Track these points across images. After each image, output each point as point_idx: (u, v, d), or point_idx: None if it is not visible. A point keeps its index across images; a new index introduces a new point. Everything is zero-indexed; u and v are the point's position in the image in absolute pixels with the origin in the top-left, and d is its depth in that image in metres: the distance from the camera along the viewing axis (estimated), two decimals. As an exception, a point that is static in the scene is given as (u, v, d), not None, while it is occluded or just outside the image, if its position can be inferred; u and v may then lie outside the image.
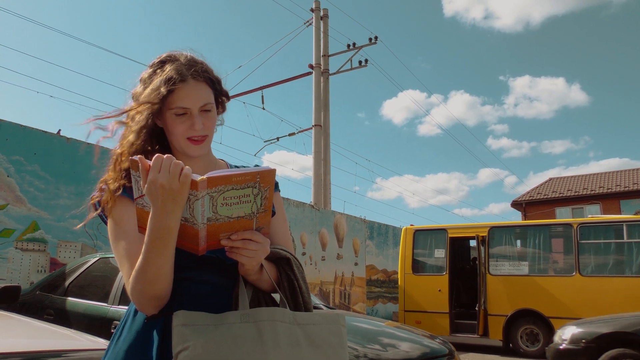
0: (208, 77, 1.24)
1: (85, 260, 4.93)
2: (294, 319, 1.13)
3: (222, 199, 0.99)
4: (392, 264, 15.33)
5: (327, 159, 15.01)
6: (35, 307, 4.59)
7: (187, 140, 1.20)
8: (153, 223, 1.00)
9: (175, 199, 0.96)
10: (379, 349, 3.66)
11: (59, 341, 2.45)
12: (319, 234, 12.66)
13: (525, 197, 25.02)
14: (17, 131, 6.82)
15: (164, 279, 1.06)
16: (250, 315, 1.10)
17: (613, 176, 24.43)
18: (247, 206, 1.03)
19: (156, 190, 0.96)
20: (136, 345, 1.15)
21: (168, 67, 1.21)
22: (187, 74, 1.19)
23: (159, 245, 1.01)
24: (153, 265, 1.03)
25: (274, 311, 1.12)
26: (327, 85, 15.48)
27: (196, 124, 1.19)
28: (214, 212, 1.00)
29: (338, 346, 1.14)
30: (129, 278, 1.09)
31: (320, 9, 15.89)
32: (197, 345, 1.03)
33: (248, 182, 1.00)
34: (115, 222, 1.18)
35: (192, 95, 1.19)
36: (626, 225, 9.17)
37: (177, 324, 1.06)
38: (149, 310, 1.11)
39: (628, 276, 8.84)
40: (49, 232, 6.98)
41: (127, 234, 1.14)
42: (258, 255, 1.09)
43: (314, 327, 1.14)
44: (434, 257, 11.00)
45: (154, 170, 0.97)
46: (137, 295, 1.08)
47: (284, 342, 1.08)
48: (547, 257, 10.07)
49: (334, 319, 1.18)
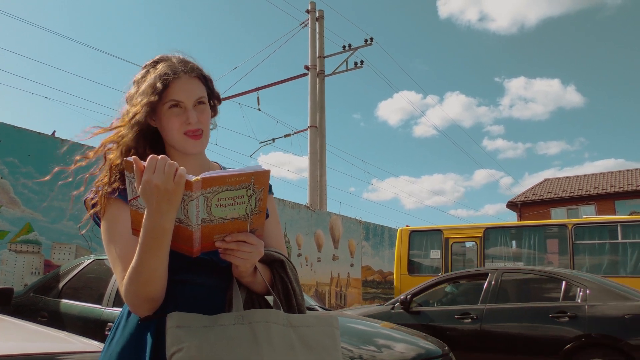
0: (201, 74, 1.26)
1: (79, 262, 4.91)
2: (288, 321, 1.13)
3: (216, 199, 0.99)
4: (388, 265, 15.34)
5: (323, 160, 15.02)
6: (29, 310, 4.57)
7: (184, 135, 1.21)
8: (147, 224, 0.99)
9: (170, 199, 0.96)
10: (374, 350, 3.66)
11: (52, 344, 2.43)
12: (314, 235, 12.66)
13: (520, 198, 25.08)
14: (11, 133, 6.80)
15: (158, 280, 1.05)
16: (245, 317, 1.10)
17: (608, 177, 24.53)
18: (241, 207, 1.03)
19: (151, 190, 0.96)
20: (129, 347, 1.15)
21: (161, 65, 1.23)
22: (180, 69, 1.21)
23: (154, 246, 1.01)
24: (147, 267, 1.02)
25: (268, 313, 1.12)
26: (322, 87, 15.50)
27: (191, 117, 1.19)
28: (208, 213, 1.00)
29: (332, 348, 1.15)
30: (122, 280, 1.09)
31: (315, 10, 15.91)
32: (191, 346, 1.03)
33: (242, 183, 1.00)
34: (109, 223, 1.18)
35: (186, 89, 1.20)
36: (620, 225, 9.22)
37: (171, 325, 1.06)
38: (142, 312, 1.11)
39: (623, 276, 8.87)
40: (43, 234, 6.96)
41: (121, 235, 1.14)
42: (252, 257, 1.09)
43: (307, 329, 1.14)
44: (430, 258, 11.03)
45: (148, 170, 0.96)
46: (131, 296, 1.07)
47: (278, 343, 1.08)
48: (542, 258, 10.11)
49: (328, 321, 1.18)
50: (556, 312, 5.38)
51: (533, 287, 6.24)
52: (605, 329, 5.14)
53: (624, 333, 5.02)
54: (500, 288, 6.02)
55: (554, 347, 5.23)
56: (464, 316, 5.87)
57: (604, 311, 5.21)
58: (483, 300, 5.93)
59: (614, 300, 5.28)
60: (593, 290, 5.43)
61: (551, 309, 5.45)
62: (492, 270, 6.38)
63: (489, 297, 5.92)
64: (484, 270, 7.10)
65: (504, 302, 5.95)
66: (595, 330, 5.15)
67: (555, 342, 5.24)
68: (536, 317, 5.51)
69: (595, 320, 5.19)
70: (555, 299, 5.69)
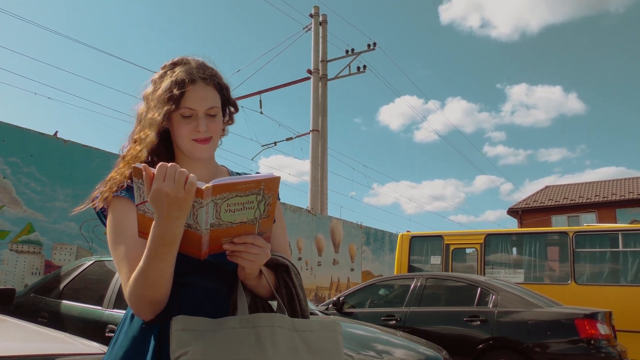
0: (217, 83, 1.26)
1: (80, 263, 4.91)
2: (292, 325, 1.14)
3: (225, 205, 0.99)
4: (388, 270, 15.32)
5: (324, 164, 15.02)
6: (29, 310, 4.57)
7: (192, 141, 1.22)
8: (157, 231, 1.00)
9: (181, 207, 0.97)
10: (374, 356, 3.66)
11: (53, 345, 2.43)
12: (315, 239, 12.65)
13: (521, 204, 25.06)
14: (14, 133, 6.81)
15: (165, 283, 1.06)
16: (250, 321, 1.10)
17: (609, 185, 24.51)
18: (250, 212, 1.03)
19: (161, 199, 0.96)
20: (133, 351, 1.15)
21: (179, 69, 1.23)
22: (197, 76, 1.22)
23: (163, 252, 1.01)
24: (155, 270, 1.03)
25: (272, 317, 1.12)
26: (325, 91, 15.52)
27: (200, 126, 1.20)
28: (217, 218, 1.01)
29: (335, 352, 1.15)
30: (127, 281, 1.08)
31: (319, 15, 15.94)
32: (196, 350, 1.03)
33: (252, 189, 1.00)
34: (116, 224, 1.17)
35: (200, 97, 1.21)
36: (622, 234, 9.19)
37: (176, 329, 1.06)
38: (146, 315, 1.10)
39: (623, 285, 8.85)
40: (44, 235, 6.96)
41: (128, 237, 1.14)
42: (259, 259, 1.10)
43: (311, 334, 1.15)
44: (430, 263, 10.99)
45: (158, 179, 0.96)
46: (135, 299, 1.07)
47: (282, 347, 1.08)
48: (542, 265, 10.08)
49: (331, 326, 1.19)
50: (469, 316, 5.91)
51: (452, 293, 6.65)
52: (509, 332, 5.65)
53: (525, 336, 5.54)
54: (424, 293, 6.52)
55: (467, 349, 5.73)
56: (389, 318, 6.30)
57: (511, 316, 5.73)
58: (407, 303, 6.44)
59: (522, 306, 5.78)
60: (504, 297, 5.93)
61: (465, 313, 5.96)
62: (418, 275, 6.94)
63: (413, 301, 6.42)
64: (411, 275, 7.71)
65: (425, 305, 6.38)
66: (501, 333, 5.67)
67: (468, 343, 5.75)
68: (452, 320, 6.01)
69: (502, 324, 5.70)
70: (470, 304, 6.12)
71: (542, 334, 5.51)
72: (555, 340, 5.47)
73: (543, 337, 5.49)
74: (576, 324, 5.43)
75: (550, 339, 5.46)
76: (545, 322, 5.55)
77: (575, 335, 5.40)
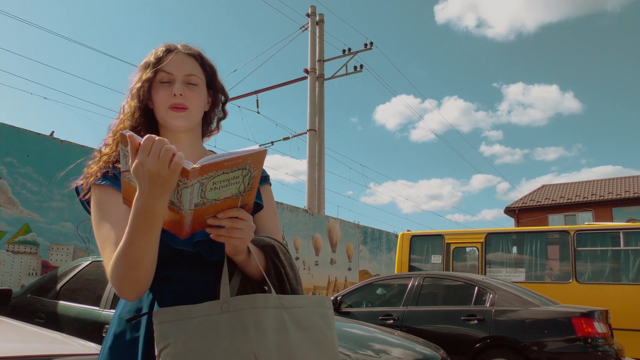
0: (200, 57, 1.26)
1: (77, 263, 4.90)
2: (280, 302, 1.10)
3: (211, 184, 0.96)
4: (385, 269, 15.33)
5: (322, 164, 15.02)
6: (26, 311, 4.56)
7: (168, 110, 1.20)
8: (138, 205, 0.95)
9: (163, 185, 0.92)
10: (372, 355, 3.66)
11: (50, 346, 2.43)
12: (312, 238, 12.65)
13: (518, 203, 25.08)
14: (10, 133, 6.79)
15: (146, 264, 1.00)
16: (231, 304, 1.06)
17: (605, 184, 24.56)
18: (234, 187, 1.00)
19: (143, 174, 0.91)
20: (123, 347, 1.14)
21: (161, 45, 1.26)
22: (178, 47, 1.24)
23: (144, 227, 0.96)
24: (136, 247, 0.98)
25: (254, 298, 1.08)
26: (322, 90, 15.52)
27: (175, 89, 1.19)
28: (202, 197, 0.97)
29: (326, 328, 1.12)
30: (109, 261, 1.05)
31: (316, 14, 15.94)
32: (178, 341, 1.01)
33: (239, 165, 0.97)
34: (98, 207, 1.15)
35: (178, 62, 1.22)
36: (623, 232, 9.20)
37: (156, 322, 1.04)
38: (128, 295, 1.06)
39: (625, 284, 8.86)
40: (40, 235, 6.94)
41: (110, 218, 1.11)
42: (245, 234, 1.05)
43: (300, 310, 1.11)
44: (431, 262, 10.99)
45: (142, 152, 0.91)
46: (117, 278, 1.02)
47: (269, 328, 1.05)
48: (543, 264, 10.09)
49: (320, 301, 1.16)
50: (467, 315, 5.93)
51: (450, 292, 6.66)
52: (506, 331, 5.68)
53: (522, 335, 5.56)
54: (421, 292, 6.53)
55: (464, 347, 5.75)
56: (387, 317, 6.30)
57: (508, 315, 5.76)
58: (405, 302, 6.45)
59: (519, 305, 5.81)
60: (501, 295, 5.96)
61: (463, 312, 5.99)
62: (415, 275, 6.97)
63: (410, 300, 6.43)
64: (409, 274, 7.73)
65: (423, 305, 6.39)
66: (499, 332, 5.69)
67: (466, 342, 5.77)
68: (450, 319, 6.04)
69: (499, 323, 5.73)
70: (467, 303, 6.15)
71: (539, 332, 5.53)
72: (552, 338, 5.49)
73: (540, 335, 5.51)
74: (573, 323, 5.45)
75: (548, 338, 5.49)
76: (542, 320, 5.57)
77: (572, 334, 5.42)
